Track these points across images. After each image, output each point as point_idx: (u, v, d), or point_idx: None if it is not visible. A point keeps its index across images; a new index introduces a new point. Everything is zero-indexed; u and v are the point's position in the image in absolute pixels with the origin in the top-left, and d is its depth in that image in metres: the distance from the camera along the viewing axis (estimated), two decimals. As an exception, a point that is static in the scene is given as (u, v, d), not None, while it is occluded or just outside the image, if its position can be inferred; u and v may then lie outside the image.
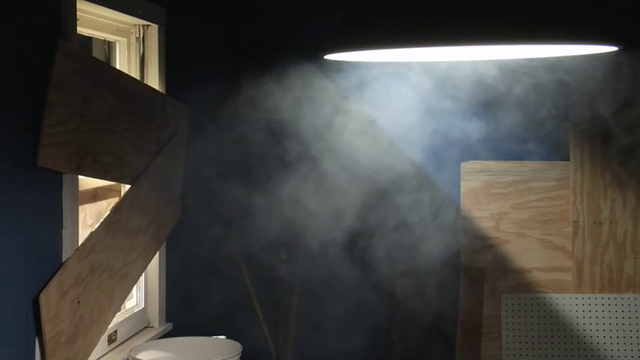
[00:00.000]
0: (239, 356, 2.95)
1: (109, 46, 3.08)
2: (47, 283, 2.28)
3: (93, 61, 2.64)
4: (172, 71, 3.27)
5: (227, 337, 3.13)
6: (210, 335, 3.16)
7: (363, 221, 3.49)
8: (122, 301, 2.91)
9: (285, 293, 3.54)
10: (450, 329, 3.46)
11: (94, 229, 2.56)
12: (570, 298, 3.39)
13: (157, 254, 3.23)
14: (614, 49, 1.93)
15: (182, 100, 3.29)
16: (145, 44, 3.16)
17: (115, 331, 2.97)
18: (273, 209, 3.50)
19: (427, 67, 3.36)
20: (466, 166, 3.45)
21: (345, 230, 3.47)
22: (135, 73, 3.13)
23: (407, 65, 3.35)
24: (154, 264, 3.25)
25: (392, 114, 3.48)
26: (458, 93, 3.40)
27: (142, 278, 3.24)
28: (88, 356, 2.60)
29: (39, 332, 2.25)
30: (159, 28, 3.18)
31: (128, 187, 2.87)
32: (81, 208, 2.63)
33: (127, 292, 2.93)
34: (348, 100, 3.48)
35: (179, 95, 3.27)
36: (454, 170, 3.47)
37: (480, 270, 3.43)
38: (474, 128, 3.42)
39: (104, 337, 2.84)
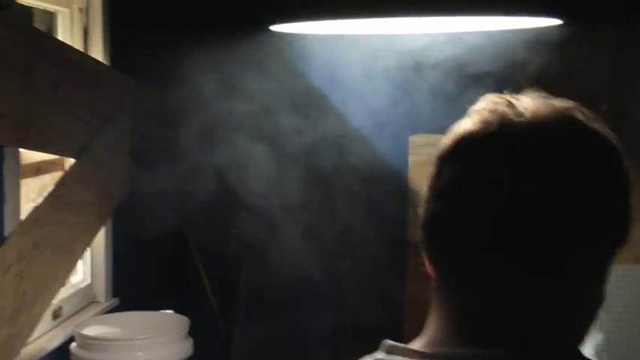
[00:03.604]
0: (187, 331, 2.94)
1: (51, 16, 3.01)
2: (-12, 258, 2.24)
3: (34, 32, 2.59)
4: (117, 43, 3.21)
5: (175, 312, 3.11)
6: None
7: (309, 195, 3.49)
8: (67, 276, 2.87)
9: (235, 268, 3.54)
10: (397, 305, 3.48)
11: (37, 204, 2.52)
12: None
13: (104, 229, 3.20)
14: (557, 22, 1.95)
15: (128, 72, 3.24)
16: (89, 15, 3.10)
17: (61, 307, 2.94)
18: (222, 183, 3.48)
19: (376, 39, 3.36)
20: (414, 139, 3.47)
21: (292, 205, 3.47)
22: (78, 45, 3.08)
23: (356, 37, 3.34)
24: (100, 239, 3.22)
25: (341, 86, 3.48)
26: (406, 65, 3.41)
27: (88, 253, 3.21)
28: (32, 332, 2.57)
29: (-20, 308, 2.22)
30: (103, -1, 3.13)
31: (72, 160, 2.82)
32: (23, 182, 2.59)
33: (72, 267, 2.89)
34: (294, 72, 3.46)
35: (124, 68, 3.22)
36: (402, 143, 3.48)
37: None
38: (423, 101, 3.43)
39: (49, 313, 2.80)
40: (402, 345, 0.91)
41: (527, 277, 0.86)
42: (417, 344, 0.92)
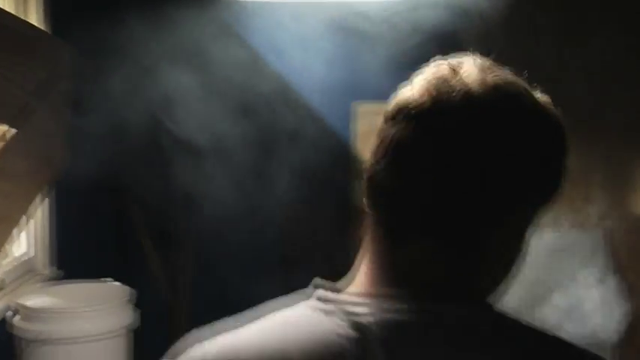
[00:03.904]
0: (130, 300, 2.91)
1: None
2: None
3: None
4: (56, 9, 3.13)
5: (120, 282, 3.07)
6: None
7: (255, 165, 3.46)
8: (6, 246, 2.81)
9: (181, 235, 3.51)
10: (341, 268, 3.49)
11: (-27, 174, 2.46)
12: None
13: (46, 200, 3.14)
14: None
15: (67, 39, 3.15)
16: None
17: (3, 279, 2.88)
18: (166, 151, 3.44)
19: (321, 7, 3.33)
20: (358, 106, 3.45)
21: (236, 173, 3.44)
22: (14, 10, 2.98)
23: (301, 4, 3.31)
24: (43, 210, 3.15)
25: (283, 52, 3.45)
26: (350, 32, 3.39)
27: (31, 225, 3.14)
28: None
29: None
30: (39, -39, 3.03)
31: (10, 129, 2.75)
32: (-42, 151, 2.51)
33: (10, 237, 2.83)
34: (238, 38, 3.42)
35: (64, 34, 3.14)
36: (345, 110, 3.47)
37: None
38: (366, 69, 3.42)
39: (-11, 285, 2.75)
40: (330, 283, 1.00)
41: (452, 237, 0.91)
42: (344, 285, 1.00)
